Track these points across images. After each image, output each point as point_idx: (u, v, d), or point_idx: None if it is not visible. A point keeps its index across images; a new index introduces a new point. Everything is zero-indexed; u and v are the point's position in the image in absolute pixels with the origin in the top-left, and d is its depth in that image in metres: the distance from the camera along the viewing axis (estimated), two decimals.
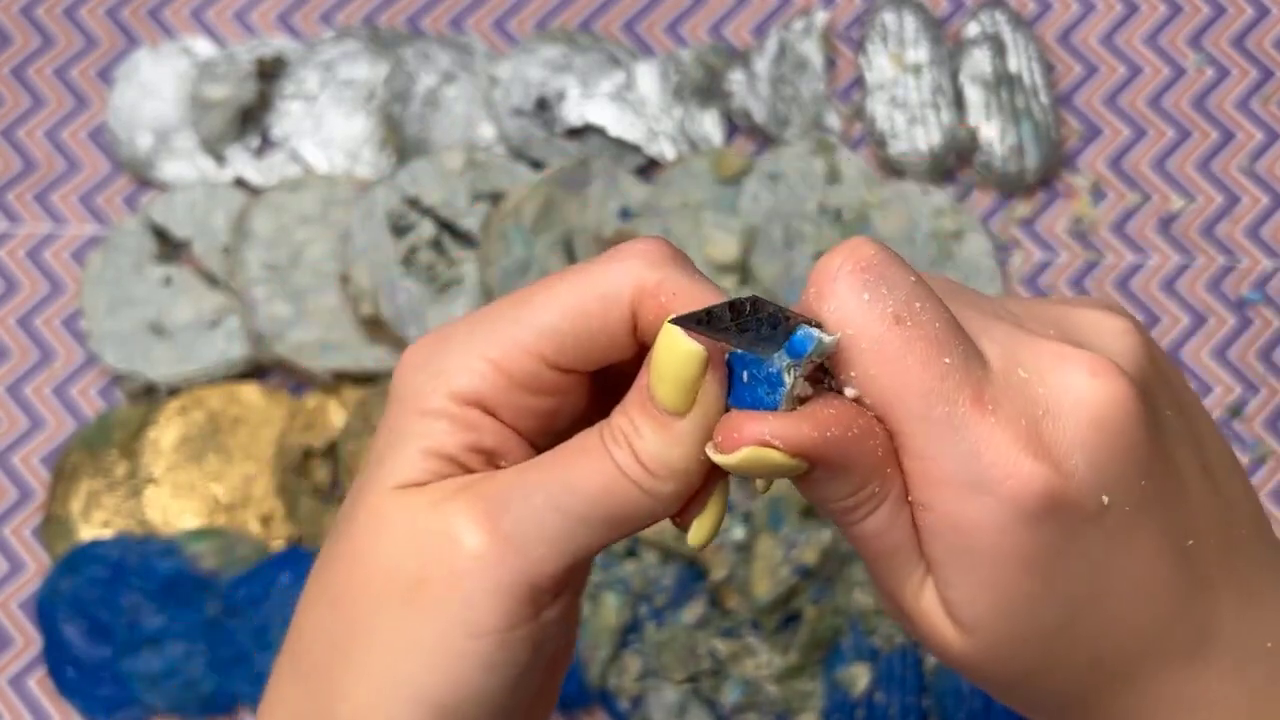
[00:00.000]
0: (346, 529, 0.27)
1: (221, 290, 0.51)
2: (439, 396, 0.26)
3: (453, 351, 0.27)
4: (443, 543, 0.25)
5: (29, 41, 0.56)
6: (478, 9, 0.56)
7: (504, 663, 0.26)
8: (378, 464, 0.27)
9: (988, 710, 0.46)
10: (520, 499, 0.25)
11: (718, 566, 0.47)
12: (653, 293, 0.26)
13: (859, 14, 0.56)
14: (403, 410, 0.27)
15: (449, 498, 0.26)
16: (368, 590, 0.26)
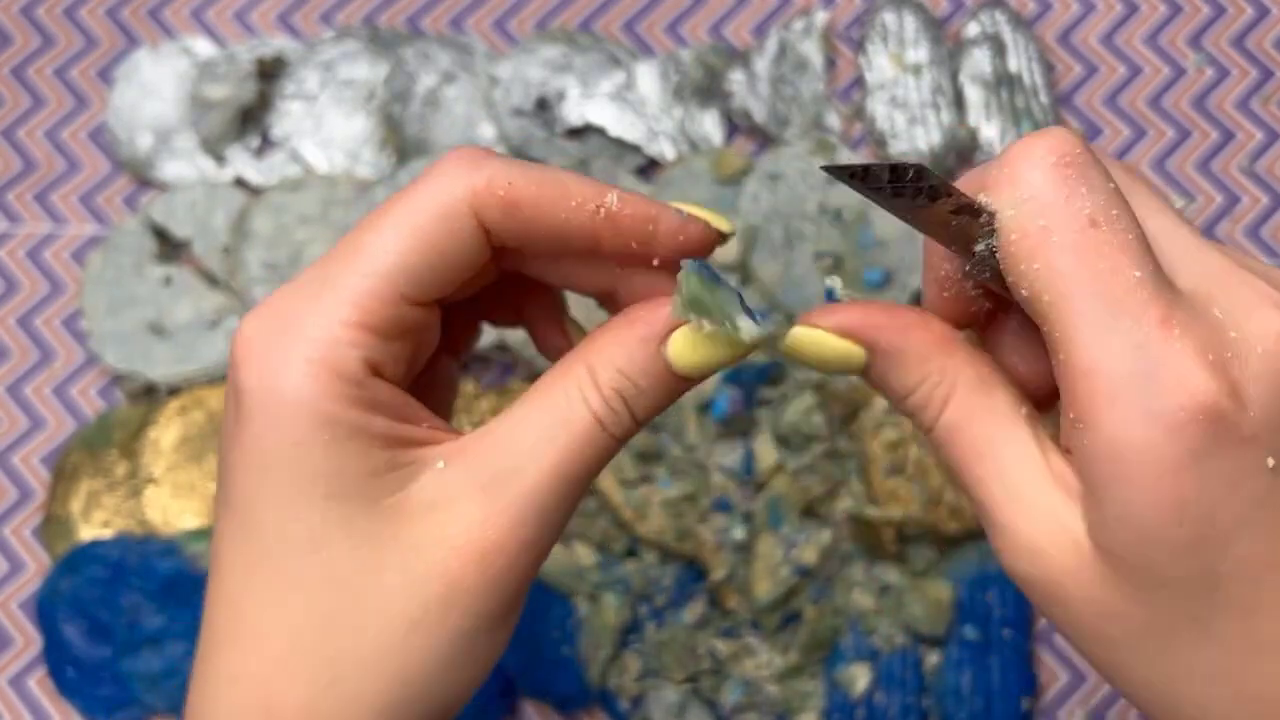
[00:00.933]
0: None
1: (222, 290, 0.51)
2: (315, 388, 0.24)
3: (307, 324, 0.25)
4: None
5: (29, 41, 0.56)
6: (478, 9, 0.56)
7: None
8: (278, 502, 0.24)
9: (988, 710, 0.46)
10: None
11: (718, 566, 0.47)
12: (489, 191, 0.25)
13: (859, 14, 0.56)
14: (272, 417, 0.24)
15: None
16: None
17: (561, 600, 0.48)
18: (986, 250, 0.25)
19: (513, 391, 0.50)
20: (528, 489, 0.25)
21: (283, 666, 0.24)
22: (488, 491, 0.25)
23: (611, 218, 0.26)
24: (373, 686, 0.25)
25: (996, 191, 0.24)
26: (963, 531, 0.48)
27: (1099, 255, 0.23)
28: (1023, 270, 0.24)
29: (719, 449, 0.48)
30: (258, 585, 0.25)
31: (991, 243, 0.24)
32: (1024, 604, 0.48)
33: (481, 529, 0.25)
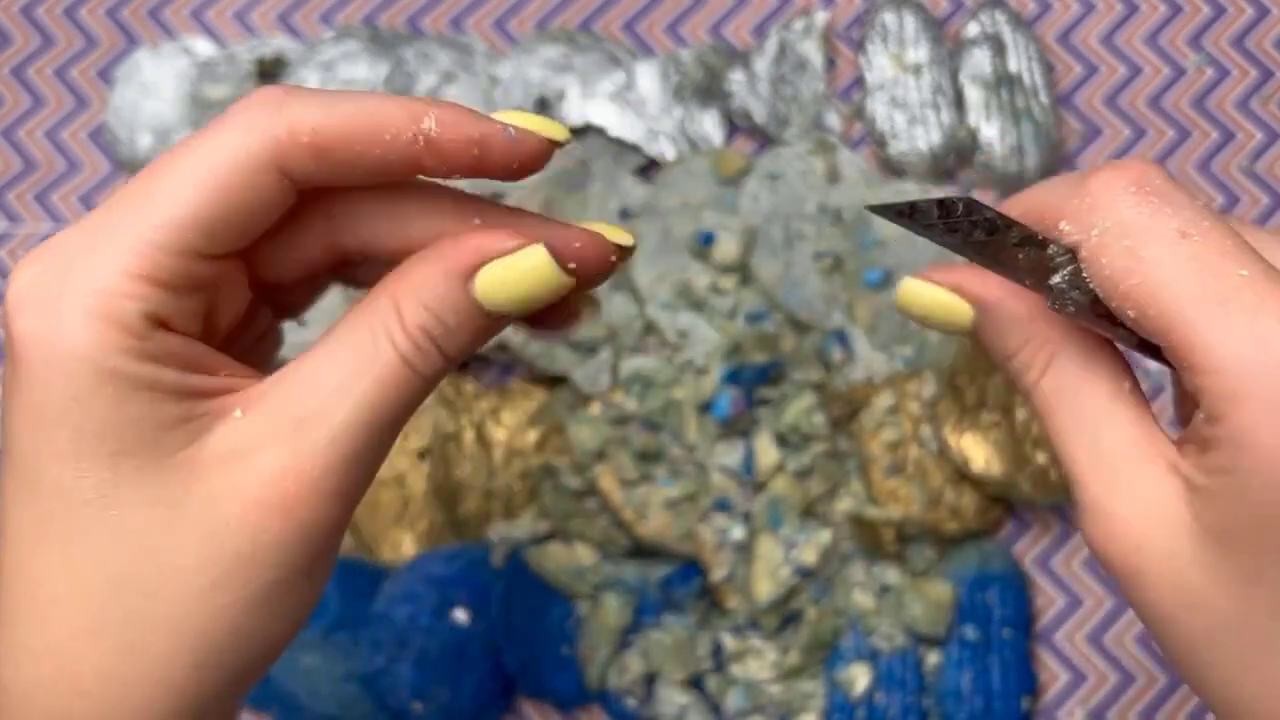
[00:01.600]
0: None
1: None
2: (94, 340, 0.23)
3: (86, 274, 0.23)
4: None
5: (29, 41, 0.56)
6: (478, 9, 0.56)
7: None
8: (36, 463, 0.23)
9: (988, 710, 0.46)
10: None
11: (718, 566, 0.47)
12: (292, 139, 0.23)
13: (859, 14, 0.56)
14: (49, 371, 0.23)
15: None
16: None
17: (561, 600, 0.48)
18: (1064, 282, 0.24)
19: (512, 391, 0.50)
20: (332, 435, 0.24)
21: (80, 634, 0.23)
22: (289, 439, 0.23)
23: (432, 144, 0.24)
24: (174, 648, 0.23)
25: (1077, 221, 0.24)
26: (963, 531, 0.48)
27: (1196, 260, 0.23)
28: (1123, 291, 0.23)
29: (719, 449, 0.48)
30: (47, 550, 0.23)
31: (1070, 272, 0.24)
32: (1024, 604, 0.48)
33: (283, 479, 0.23)
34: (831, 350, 0.50)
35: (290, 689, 0.46)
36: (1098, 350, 0.26)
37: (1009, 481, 0.47)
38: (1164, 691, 0.49)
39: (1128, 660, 0.49)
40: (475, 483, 0.49)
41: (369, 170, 0.24)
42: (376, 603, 0.47)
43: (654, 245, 0.51)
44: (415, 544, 0.49)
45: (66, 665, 0.24)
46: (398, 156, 0.24)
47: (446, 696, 0.46)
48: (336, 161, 0.24)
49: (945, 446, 0.48)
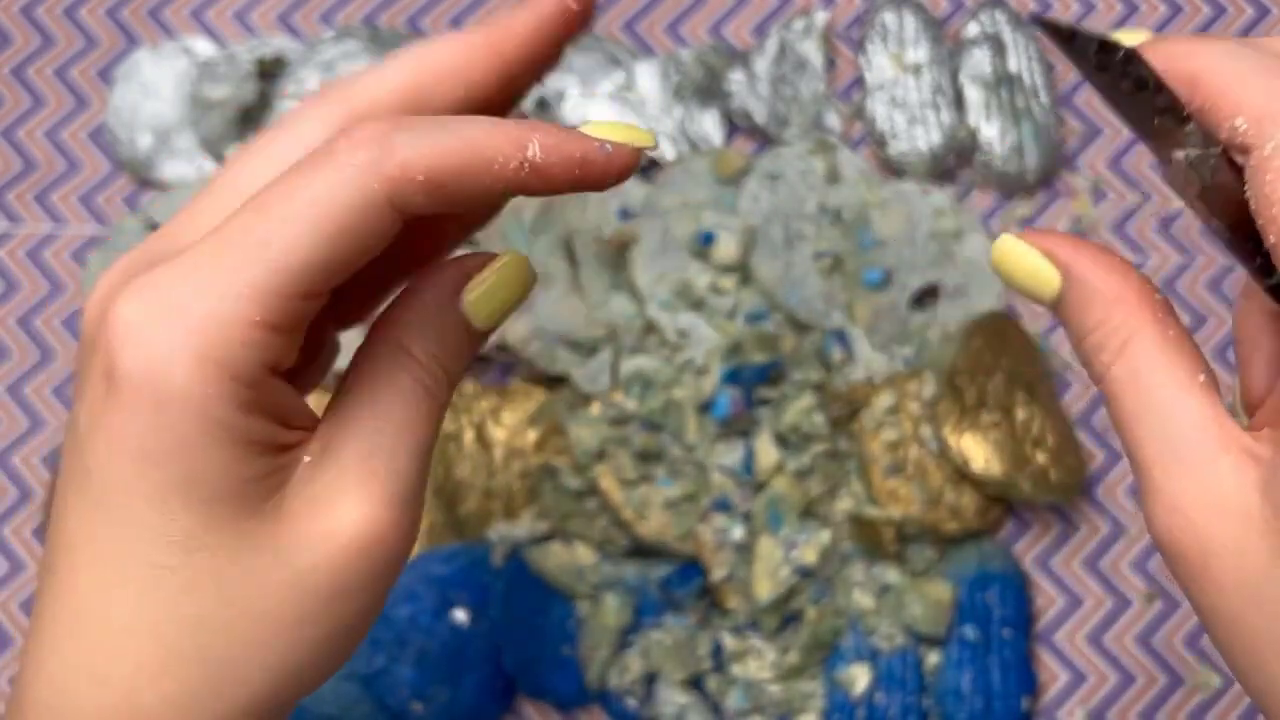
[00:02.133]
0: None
1: None
2: (208, 389, 0.23)
3: (198, 314, 0.23)
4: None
5: (29, 41, 0.56)
6: (477, 9, 0.56)
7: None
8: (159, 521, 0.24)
9: (988, 710, 0.46)
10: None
11: (718, 566, 0.47)
12: (405, 178, 0.24)
13: (859, 14, 0.56)
14: (156, 412, 0.23)
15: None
16: None
17: (561, 600, 0.48)
18: (1186, 161, 0.23)
19: (512, 391, 0.50)
20: (398, 474, 0.25)
21: (152, 668, 0.24)
22: (360, 487, 0.25)
23: (537, 169, 0.25)
24: (249, 687, 0.24)
25: (1259, 125, 0.23)
26: (963, 531, 0.48)
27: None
28: (1275, 214, 0.22)
29: (719, 449, 0.48)
30: (125, 585, 0.24)
31: (1197, 156, 0.23)
32: (1024, 604, 0.48)
33: (364, 521, 0.25)
34: (831, 350, 0.50)
35: None
36: (1175, 340, 0.26)
37: (1009, 481, 0.47)
38: (1164, 691, 0.49)
39: (1128, 660, 0.49)
40: (475, 482, 0.49)
41: (475, 198, 0.25)
42: None
43: (654, 245, 0.51)
44: (415, 544, 0.49)
45: (132, 695, 0.24)
46: (505, 184, 0.25)
47: (446, 696, 0.46)
48: (447, 195, 0.24)
49: (945, 446, 0.48)
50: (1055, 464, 0.48)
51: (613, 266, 0.51)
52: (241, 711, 0.25)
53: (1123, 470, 0.51)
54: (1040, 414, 0.48)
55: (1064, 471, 0.48)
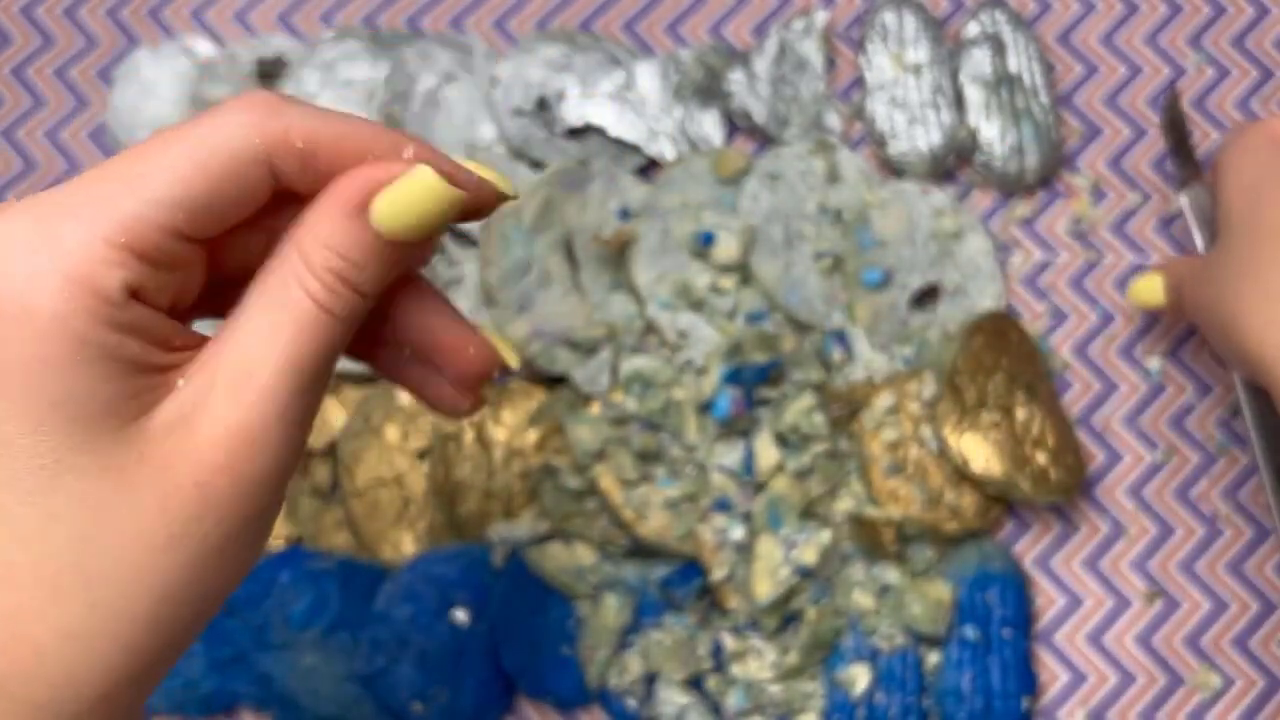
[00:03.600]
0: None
1: None
2: (71, 306, 0.23)
3: (68, 237, 0.24)
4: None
5: (29, 41, 0.56)
6: (478, 9, 0.56)
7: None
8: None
9: (988, 710, 0.46)
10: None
11: (718, 566, 0.47)
12: (286, 140, 0.25)
13: (859, 14, 0.56)
14: (19, 330, 0.23)
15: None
16: None
17: (561, 600, 0.48)
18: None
19: (512, 391, 0.50)
20: (263, 390, 0.25)
21: (37, 597, 0.24)
22: (226, 400, 0.25)
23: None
24: (133, 605, 0.24)
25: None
26: (963, 531, 0.48)
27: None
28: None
29: (719, 449, 0.48)
30: (3, 513, 0.24)
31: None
32: (1024, 604, 0.48)
33: (226, 439, 0.25)
34: (831, 350, 0.50)
35: (290, 689, 0.46)
36: None
37: (1009, 481, 0.47)
38: (1164, 691, 0.49)
39: (1128, 660, 0.49)
40: (475, 483, 0.49)
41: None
42: (377, 603, 0.47)
43: (654, 245, 0.51)
44: (415, 544, 0.49)
45: (26, 628, 0.24)
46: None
47: (447, 697, 0.46)
48: (319, 170, 0.25)
49: (945, 446, 0.48)
50: (1055, 464, 0.48)
51: (613, 266, 0.51)
52: (132, 639, 0.25)
53: (1122, 470, 0.51)
54: (1040, 414, 0.48)
55: (1064, 471, 0.48)
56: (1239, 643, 0.49)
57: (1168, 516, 0.50)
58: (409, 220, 0.26)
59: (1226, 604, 0.50)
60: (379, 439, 0.49)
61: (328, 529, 0.49)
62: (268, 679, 0.47)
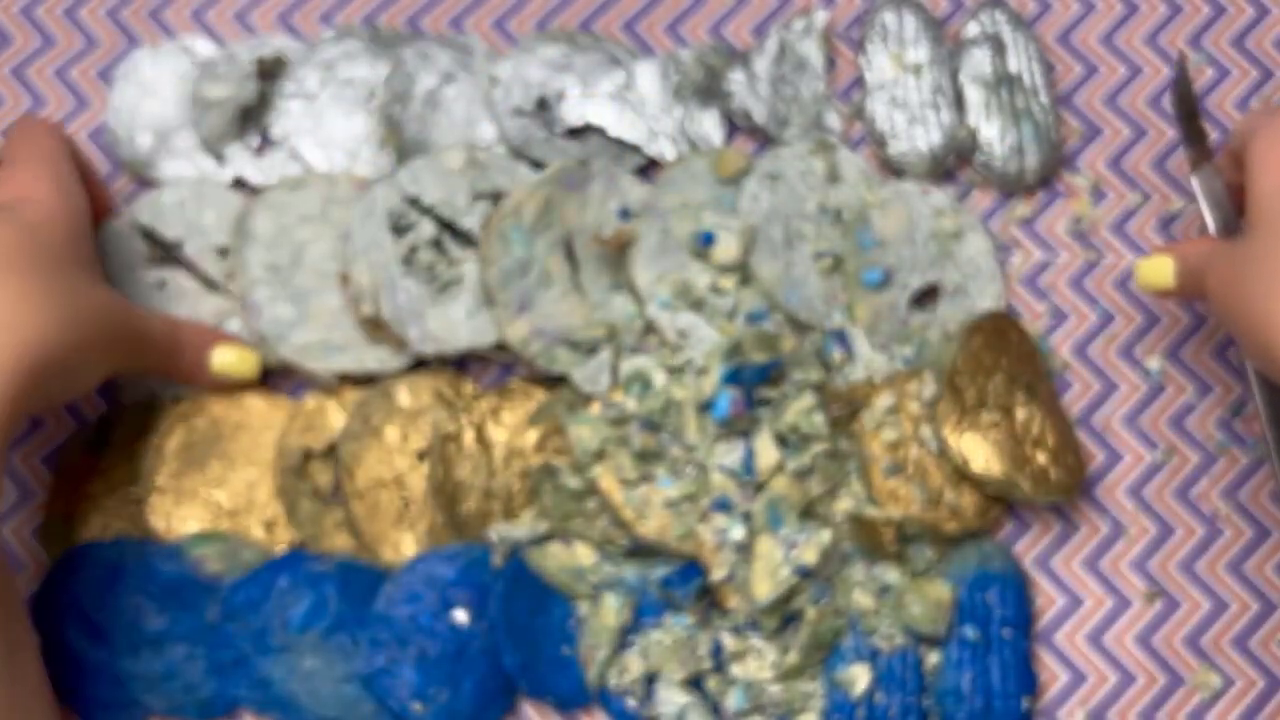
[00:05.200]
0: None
1: (221, 293, 0.51)
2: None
3: None
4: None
5: (29, 41, 0.56)
6: (478, 9, 0.56)
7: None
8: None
9: (988, 710, 0.46)
10: None
11: (718, 567, 0.47)
12: None
13: (859, 14, 0.56)
14: None
15: None
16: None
17: (561, 600, 0.48)
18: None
19: (512, 391, 0.50)
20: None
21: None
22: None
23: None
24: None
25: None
26: (962, 531, 0.48)
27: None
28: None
29: (719, 449, 0.48)
30: None
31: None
32: (1024, 604, 0.48)
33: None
34: (831, 350, 0.50)
35: (291, 691, 0.46)
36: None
37: (1009, 481, 0.47)
38: (1164, 691, 0.49)
39: (1128, 660, 0.49)
40: (475, 483, 0.49)
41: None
42: (377, 603, 0.47)
43: (654, 245, 0.51)
44: (415, 544, 0.49)
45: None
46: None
47: (447, 697, 0.46)
48: None
49: (945, 446, 0.48)
50: (1055, 464, 0.48)
51: (613, 266, 0.51)
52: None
53: (1122, 470, 0.51)
54: (1040, 414, 0.48)
55: (1064, 471, 0.48)
56: (1239, 643, 0.49)
57: (1168, 516, 0.50)
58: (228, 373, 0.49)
59: (1226, 604, 0.50)
60: (379, 440, 0.49)
61: (328, 530, 0.49)
62: (268, 682, 0.47)
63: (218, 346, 0.48)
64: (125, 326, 0.44)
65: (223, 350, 0.48)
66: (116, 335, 0.44)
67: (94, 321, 0.42)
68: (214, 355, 0.48)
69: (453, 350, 0.50)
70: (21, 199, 0.44)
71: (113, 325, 0.43)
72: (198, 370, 0.48)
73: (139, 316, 0.45)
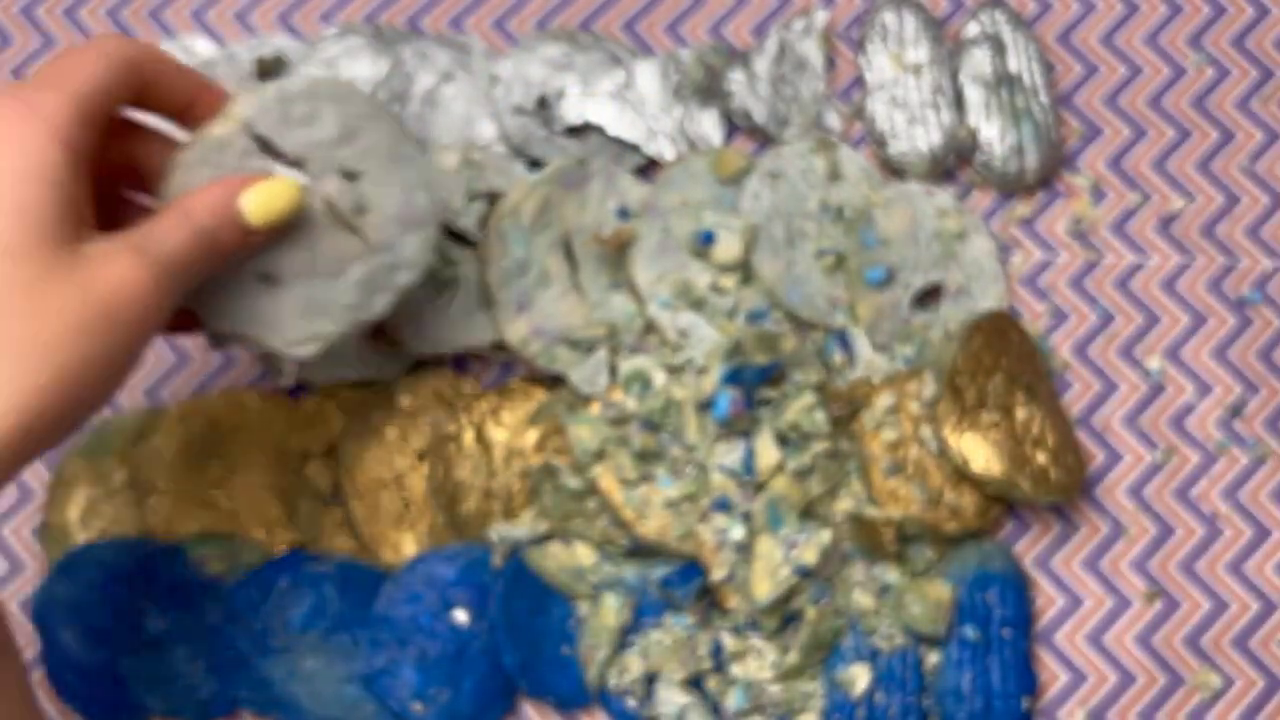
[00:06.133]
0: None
1: None
2: (55, 141, 0.35)
3: (48, 104, 0.35)
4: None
5: (29, 42, 0.56)
6: (478, 8, 0.56)
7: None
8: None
9: (988, 710, 0.47)
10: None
11: (718, 566, 0.47)
12: (146, 57, 0.38)
13: (859, 14, 0.56)
14: (11, 163, 0.34)
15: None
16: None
17: (561, 600, 0.48)
18: None
19: (512, 391, 0.50)
20: (159, 261, 0.36)
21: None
22: (137, 253, 0.36)
23: (207, 89, 0.40)
24: (38, 373, 0.34)
25: None
26: (963, 531, 0.48)
27: None
28: None
29: (719, 449, 0.48)
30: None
31: None
32: (1024, 604, 0.48)
33: (133, 273, 0.35)
34: (832, 350, 0.50)
35: (291, 692, 0.47)
36: None
37: (1009, 481, 0.47)
38: (1164, 691, 0.49)
39: (1127, 660, 0.49)
40: (475, 483, 0.49)
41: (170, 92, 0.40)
42: (377, 604, 0.47)
43: (654, 245, 0.51)
44: (415, 545, 0.49)
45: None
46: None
47: (447, 697, 0.46)
48: (162, 84, 0.39)
49: (945, 446, 0.48)
50: (1055, 464, 0.48)
51: (612, 266, 0.51)
52: (25, 400, 0.33)
53: (1122, 470, 0.51)
54: (1040, 414, 0.49)
55: (1064, 471, 0.48)
56: (1239, 643, 0.49)
57: (1167, 516, 0.50)
58: (269, 213, 0.39)
59: (1226, 604, 0.50)
60: (379, 440, 0.49)
61: (329, 531, 0.49)
62: (268, 683, 0.47)
63: (242, 192, 0.39)
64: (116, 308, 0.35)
65: (251, 192, 0.39)
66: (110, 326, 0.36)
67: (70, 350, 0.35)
68: (243, 202, 0.39)
69: (450, 350, 0.50)
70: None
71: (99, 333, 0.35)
72: (228, 237, 0.39)
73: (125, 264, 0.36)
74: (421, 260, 0.43)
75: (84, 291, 0.34)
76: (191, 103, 0.40)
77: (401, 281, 0.43)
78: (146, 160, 0.41)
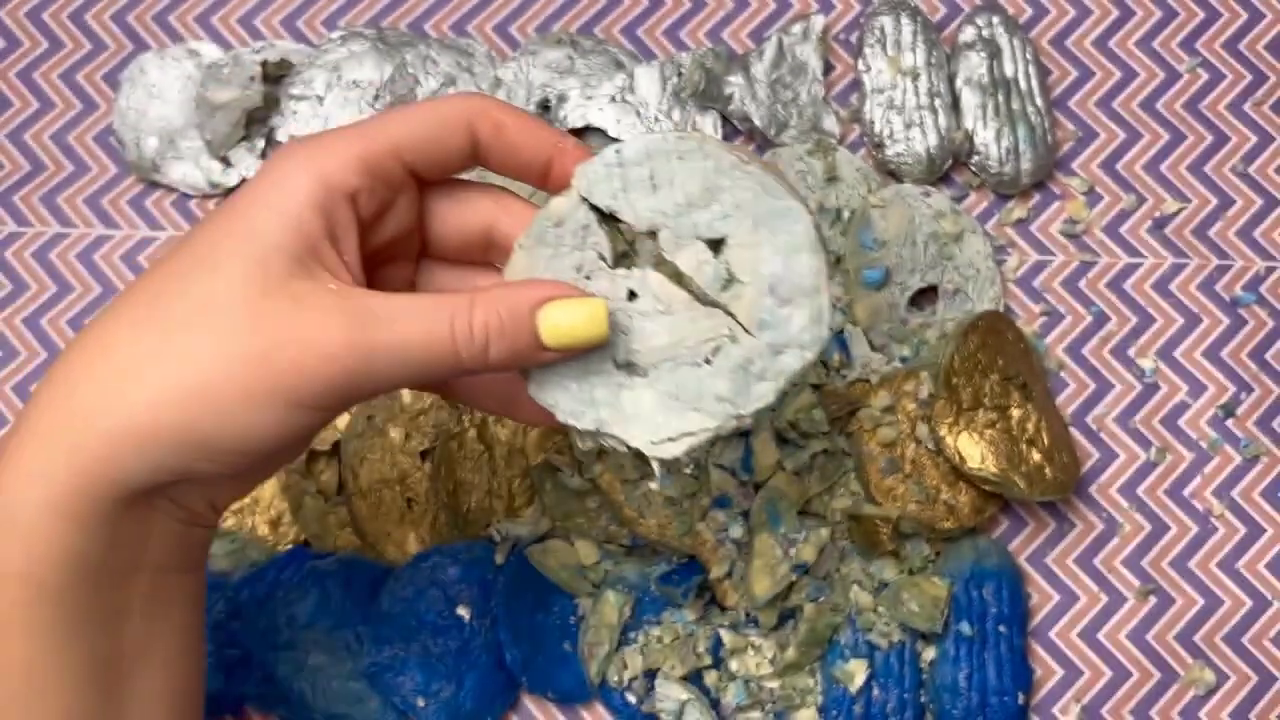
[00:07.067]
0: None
1: None
2: (314, 180, 0.32)
3: (328, 148, 0.33)
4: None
5: (36, 45, 0.56)
6: (481, 13, 0.57)
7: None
8: (247, 234, 0.32)
9: (984, 705, 0.47)
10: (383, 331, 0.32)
11: (717, 564, 0.48)
12: (483, 114, 0.35)
13: (856, 18, 0.57)
14: (280, 190, 0.32)
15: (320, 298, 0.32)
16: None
17: (563, 597, 0.48)
18: None
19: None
20: (377, 342, 0.32)
21: (170, 398, 0.31)
22: (353, 324, 0.31)
23: (563, 152, 0.35)
24: (237, 431, 0.31)
25: None
26: (959, 528, 0.49)
27: None
28: None
29: (718, 447, 0.48)
30: (201, 321, 0.31)
31: None
32: (1019, 600, 0.48)
33: (337, 337, 0.31)
34: (830, 350, 0.51)
35: (297, 688, 0.47)
36: None
37: (1004, 479, 0.47)
38: (1158, 687, 0.49)
39: (1122, 656, 0.50)
40: (477, 481, 0.49)
41: (522, 156, 0.35)
42: (381, 601, 0.48)
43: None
44: (418, 542, 0.49)
45: (211, 396, 0.31)
46: (537, 151, 0.35)
47: (450, 692, 0.47)
48: (507, 141, 0.35)
49: (941, 445, 0.48)
50: (1050, 462, 0.48)
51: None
52: (220, 446, 0.31)
53: (1117, 468, 0.51)
54: (1035, 413, 0.49)
55: (1058, 469, 0.48)
56: (1232, 639, 0.50)
57: (1161, 514, 0.51)
58: (566, 330, 0.33)
59: (1220, 600, 0.50)
60: (383, 439, 0.50)
61: (333, 529, 0.49)
62: (273, 679, 0.47)
63: (545, 306, 0.33)
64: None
65: (555, 309, 0.33)
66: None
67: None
68: (544, 318, 0.33)
69: None
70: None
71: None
72: (505, 350, 0.33)
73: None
74: (812, 340, 0.34)
75: (275, 336, 0.31)
76: (548, 164, 0.35)
77: (789, 366, 0.34)
78: (498, 229, 0.36)
